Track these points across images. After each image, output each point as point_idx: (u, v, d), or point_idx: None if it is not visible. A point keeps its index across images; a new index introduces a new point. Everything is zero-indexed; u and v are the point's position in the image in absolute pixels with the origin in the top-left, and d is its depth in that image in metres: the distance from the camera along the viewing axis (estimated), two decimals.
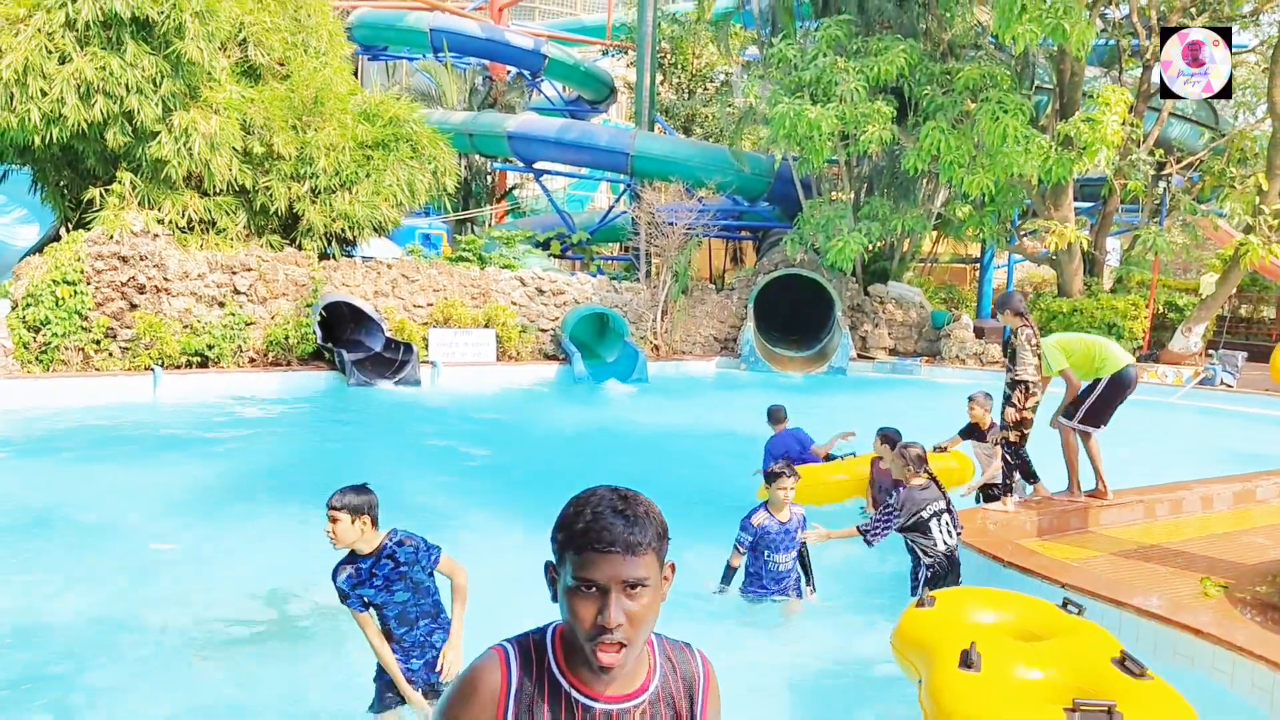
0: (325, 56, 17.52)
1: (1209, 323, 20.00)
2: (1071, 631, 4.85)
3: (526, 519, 8.54)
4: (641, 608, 1.81)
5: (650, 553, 1.83)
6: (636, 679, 1.93)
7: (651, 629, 1.87)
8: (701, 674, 2.03)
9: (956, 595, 5.30)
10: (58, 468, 9.88)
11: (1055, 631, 4.88)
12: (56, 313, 14.19)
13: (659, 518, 1.90)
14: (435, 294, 18.10)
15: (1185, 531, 7.94)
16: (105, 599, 6.33)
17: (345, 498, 4.29)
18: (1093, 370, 8.06)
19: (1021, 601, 5.22)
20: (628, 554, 1.80)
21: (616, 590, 1.78)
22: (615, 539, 1.80)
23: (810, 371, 19.94)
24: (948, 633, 4.72)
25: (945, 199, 21.05)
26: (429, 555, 4.41)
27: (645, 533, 1.84)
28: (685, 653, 2.06)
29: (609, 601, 1.78)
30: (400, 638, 4.44)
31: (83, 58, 13.83)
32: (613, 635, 1.78)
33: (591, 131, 24.43)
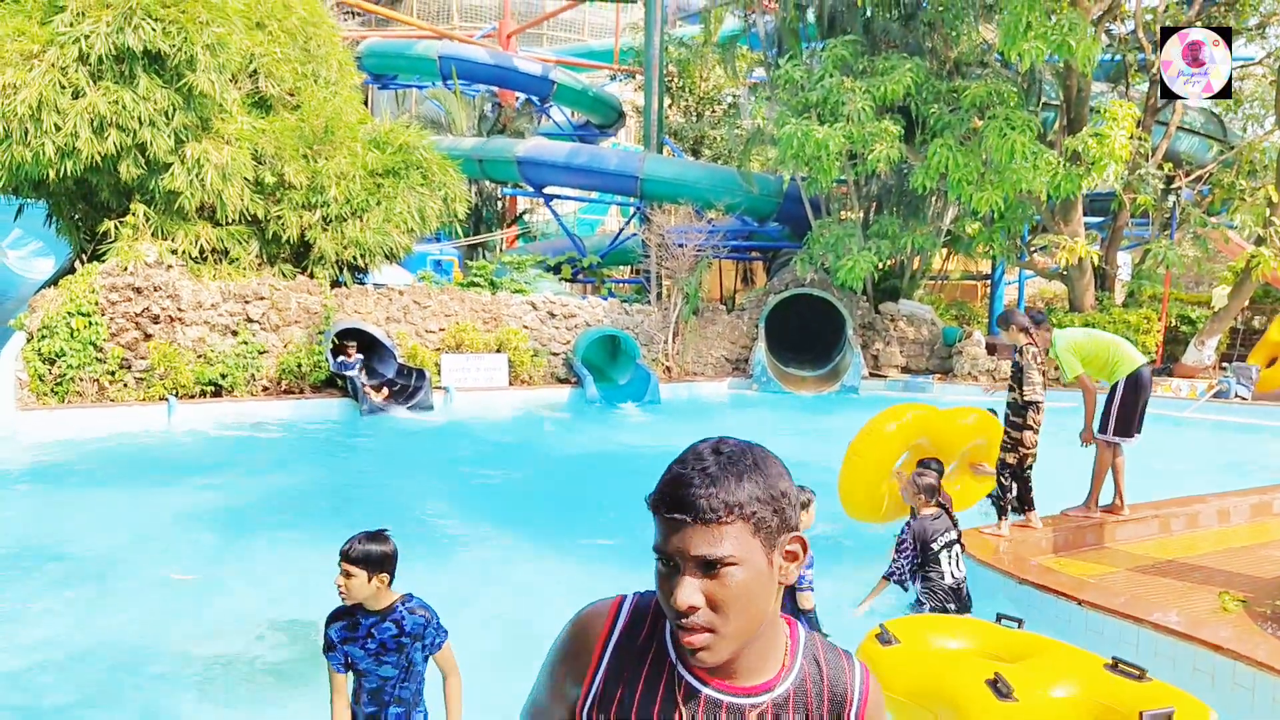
0: (335, 86, 17.68)
1: (1222, 335, 19.90)
2: (1041, 650, 4.83)
3: (542, 542, 8.55)
4: (729, 591, 1.48)
5: (738, 522, 1.48)
6: (761, 673, 1.60)
7: (759, 618, 1.53)
8: (859, 691, 1.66)
9: (907, 627, 5.12)
10: (74, 498, 9.93)
11: (1023, 651, 4.83)
12: (71, 344, 14.30)
13: (769, 478, 1.53)
14: (447, 319, 18.17)
15: (1202, 546, 7.89)
16: (120, 629, 6.34)
17: (365, 549, 3.74)
18: (1108, 371, 7.99)
19: (966, 625, 5.20)
20: (698, 522, 1.47)
21: (688, 567, 1.48)
22: (686, 502, 1.48)
23: (822, 391, 19.91)
24: (947, 667, 4.58)
25: (954, 216, 21.05)
26: (436, 635, 3.90)
27: (731, 494, 1.48)
28: (843, 660, 1.69)
29: (679, 581, 1.48)
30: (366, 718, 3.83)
31: (96, 92, 13.99)
32: (689, 619, 1.48)
33: (600, 155, 24.55)
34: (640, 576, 6.62)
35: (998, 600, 6.75)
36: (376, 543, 3.80)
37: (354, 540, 3.76)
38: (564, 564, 8.03)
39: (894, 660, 4.70)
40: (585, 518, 9.61)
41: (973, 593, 7.14)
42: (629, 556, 8.06)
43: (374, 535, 3.84)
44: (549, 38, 41.70)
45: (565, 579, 7.64)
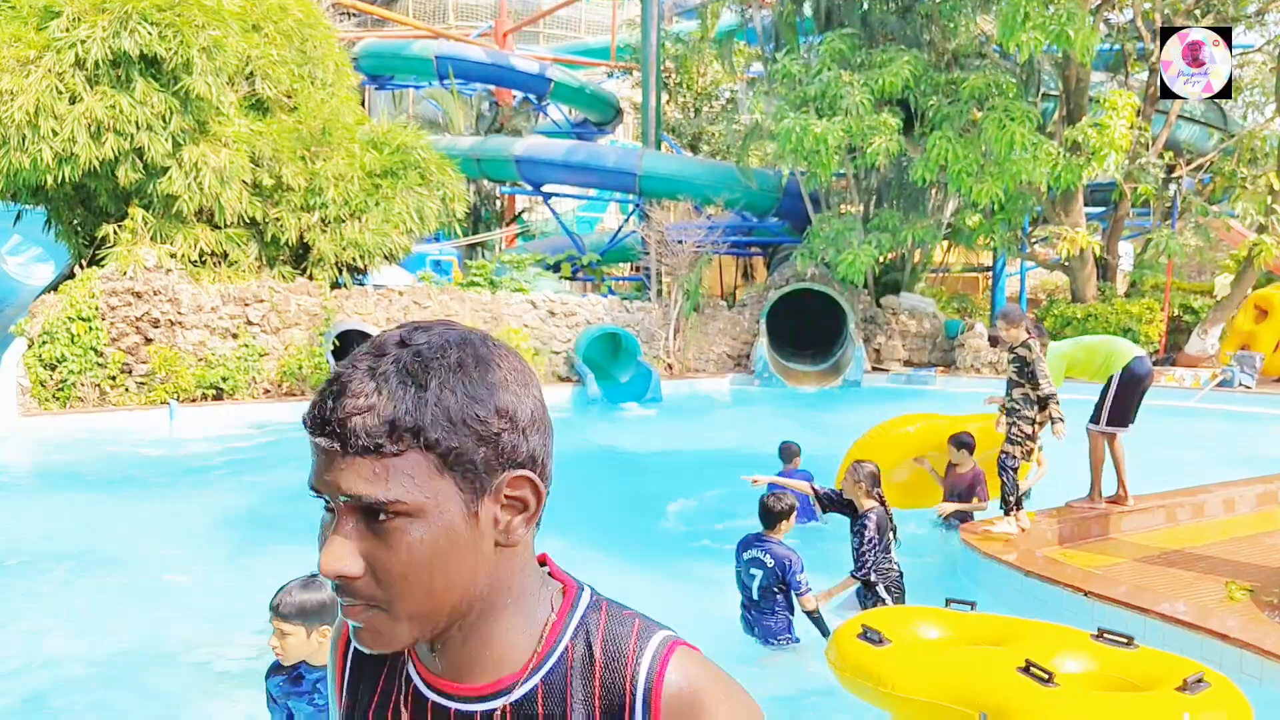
0: (332, 87, 17.65)
1: (1225, 324, 19.86)
2: (1020, 630, 4.80)
3: (547, 544, 8.51)
4: (395, 554, 1.00)
5: (412, 452, 0.99)
6: (501, 665, 1.11)
7: (455, 592, 1.04)
8: (646, 683, 1.08)
9: (883, 622, 4.83)
10: (77, 503, 9.92)
11: (1002, 634, 4.78)
12: (72, 349, 14.29)
13: (477, 387, 1.02)
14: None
15: (1208, 535, 7.86)
16: (122, 632, 6.33)
17: (300, 601, 3.10)
18: (1103, 371, 7.96)
19: (936, 614, 5.02)
20: (350, 452, 0.99)
21: (343, 515, 1.02)
22: (331, 420, 1.00)
23: (825, 385, 19.88)
24: (966, 662, 4.42)
25: (955, 208, 21.00)
26: None
27: (405, 408, 0.99)
28: (631, 640, 1.12)
29: (328, 536, 1.03)
30: None
31: (93, 97, 13.97)
32: (345, 589, 1.02)
33: (599, 152, 24.53)
34: (643, 577, 6.58)
35: (1004, 593, 6.73)
36: (312, 591, 3.13)
37: (284, 592, 3.15)
38: (574, 562, 7.99)
39: (901, 661, 4.48)
40: (586, 518, 9.58)
41: (979, 585, 7.13)
42: (632, 557, 8.05)
43: (308, 583, 3.17)
44: (545, 35, 41.65)
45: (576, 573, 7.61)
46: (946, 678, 4.30)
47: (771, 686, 5.49)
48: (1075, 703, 4.03)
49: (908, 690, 4.33)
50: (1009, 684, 4.14)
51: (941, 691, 4.28)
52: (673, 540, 8.54)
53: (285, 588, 3.14)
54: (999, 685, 4.16)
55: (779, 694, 5.44)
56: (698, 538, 8.50)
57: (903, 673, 4.37)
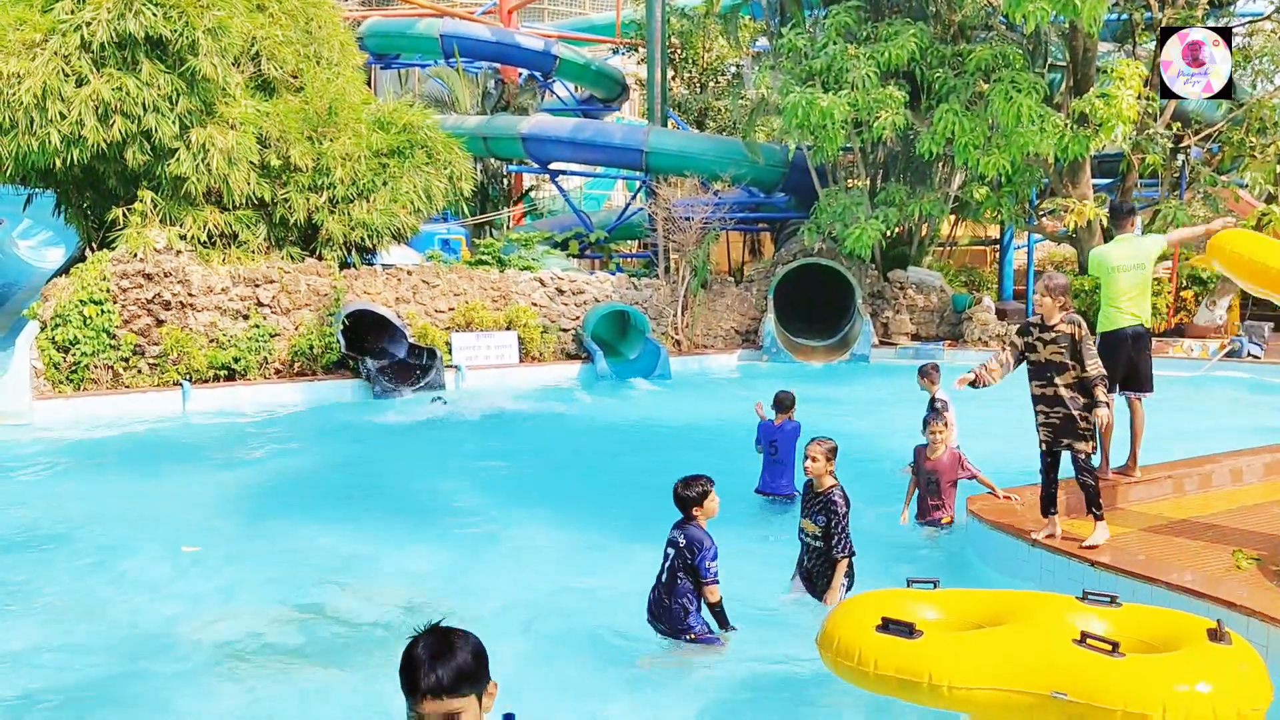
0: (338, 67, 17.64)
1: (1234, 295, 19.80)
2: (1014, 603, 4.82)
3: (557, 519, 8.61)
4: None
5: None
6: None
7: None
8: None
9: (888, 609, 4.61)
10: (92, 484, 10.03)
11: (996, 609, 4.77)
12: (84, 332, 14.38)
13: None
14: (456, 298, 18.20)
15: (1215, 505, 7.89)
16: (136, 611, 6.42)
17: (457, 666, 2.42)
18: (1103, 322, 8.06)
19: (913, 596, 4.92)
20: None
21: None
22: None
23: (832, 360, 19.91)
24: (1021, 643, 4.26)
25: (962, 181, 20.93)
26: None
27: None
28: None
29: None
30: None
31: (99, 79, 14.00)
32: None
33: (605, 129, 24.47)
34: (650, 553, 6.58)
35: (1011, 564, 6.79)
36: (458, 647, 2.49)
37: (425, 660, 2.44)
38: (580, 542, 8.09)
39: (947, 652, 4.28)
40: (594, 494, 9.66)
41: (982, 557, 7.20)
42: (639, 533, 8.11)
43: (444, 636, 2.53)
44: (550, 13, 41.48)
45: (583, 556, 7.70)
46: (1007, 663, 4.17)
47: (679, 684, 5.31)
48: (1149, 670, 4.03)
49: (971, 681, 4.15)
50: (1076, 660, 4.10)
51: (1008, 678, 4.14)
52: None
53: (423, 657, 2.43)
54: (1067, 662, 4.11)
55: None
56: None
57: (958, 664, 4.20)
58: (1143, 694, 3.93)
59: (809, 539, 6.23)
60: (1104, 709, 3.98)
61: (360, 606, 6.53)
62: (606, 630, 6.09)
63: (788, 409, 8.68)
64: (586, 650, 5.80)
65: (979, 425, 10.59)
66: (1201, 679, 3.99)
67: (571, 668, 5.56)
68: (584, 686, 5.30)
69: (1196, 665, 4.09)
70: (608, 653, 5.78)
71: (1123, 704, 3.94)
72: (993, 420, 11.50)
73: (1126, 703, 3.94)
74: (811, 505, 6.19)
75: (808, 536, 6.24)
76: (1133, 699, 3.93)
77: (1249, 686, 4.07)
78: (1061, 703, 4.04)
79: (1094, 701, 3.98)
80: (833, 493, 6.06)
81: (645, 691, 5.20)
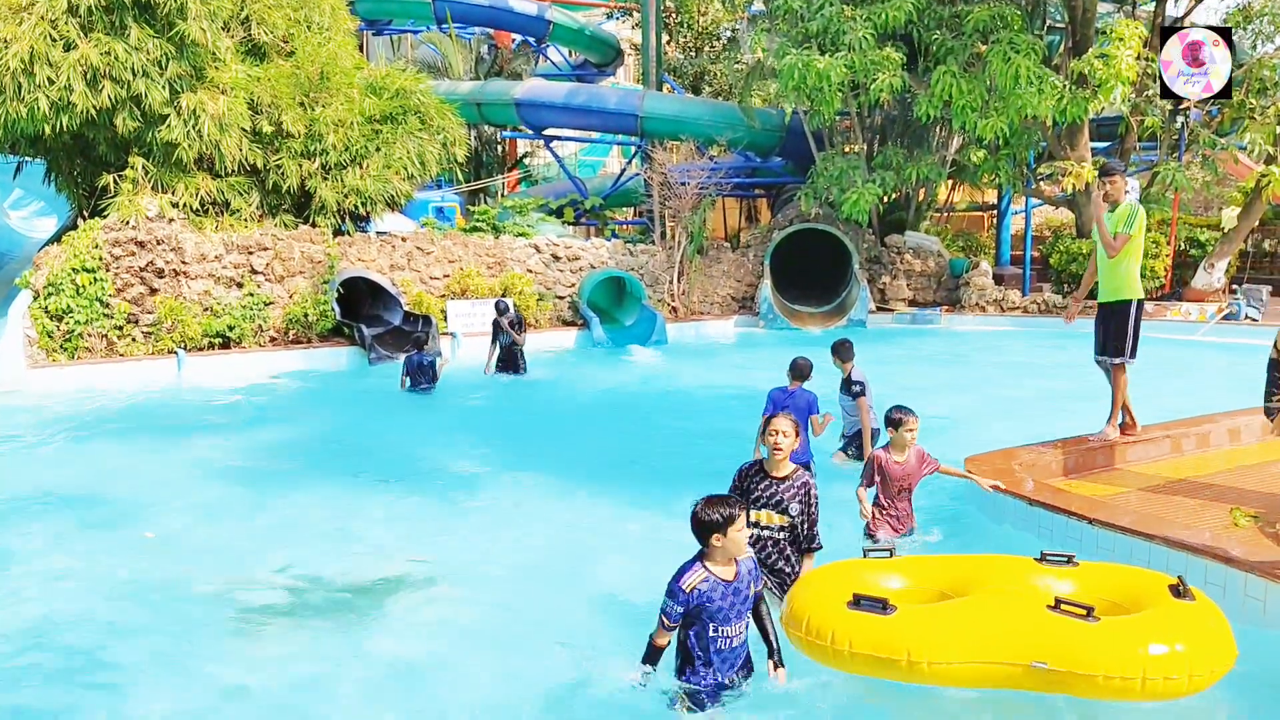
0: (329, 32, 17.45)
1: (1232, 258, 19.74)
2: (979, 566, 4.83)
3: (551, 485, 8.59)
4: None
5: None
6: None
7: None
8: None
9: (855, 584, 4.55)
10: (87, 453, 10.01)
11: (957, 574, 4.78)
12: (78, 300, 14.31)
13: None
14: (451, 265, 18.11)
15: (1213, 465, 7.91)
16: (131, 579, 6.43)
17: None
18: (1129, 286, 8.02)
19: (871, 565, 4.88)
20: None
21: None
22: None
23: (830, 326, 19.85)
24: (987, 616, 4.22)
25: (959, 145, 20.80)
26: None
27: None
28: None
29: None
30: None
31: (87, 44, 13.82)
32: None
33: (600, 94, 24.25)
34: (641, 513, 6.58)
35: (1011, 523, 6.78)
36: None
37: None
38: (574, 506, 8.08)
39: (924, 627, 4.19)
40: (591, 461, 9.65)
41: (983, 515, 7.19)
42: (635, 499, 8.11)
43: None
44: None
45: (577, 521, 7.69)
46: (986, 635, 4.14)
47: None
48: (1124, 633, 4.05)
49: (951, 656, 4.11)
50: (1052, 627, 4.09)
51: (987, 650, 4.11)
52: (676, 482, 8.60)
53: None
54: (1043, 631, 4.09)
55: None
56: (702, 478, 8.55)
57: (937, 640, 4.15)
58: (1121, 658, 3.95)
59: (770, 531, 5.33)
60: (1084, 675, 3.99)
61: (354, 568, 6.55)
62: (598, 589, 6.12)
63: (804, 377, 8.21)
64: (581, 609, 5.82)
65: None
66: (1176, 640, 4.02)
67: (566, 625, 5.57)
68: (579, 643, 5.32)
69: (1168, 625, 4.10)
70: (600, 609, 5.81)
71: (1103, 669, 3.96)
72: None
73: (1106, 668, 3.96)
74: (775, 492, 5.29)
75: (768, 529, 5.33)
76: (1112, 664, 3.95)
77: (1218, 644, 4.10)
78: (1042, 671, 4.04)
79: (1074, 669, 4.00)
80: (802, 477, 5.32)
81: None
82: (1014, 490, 6.79)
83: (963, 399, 12.30)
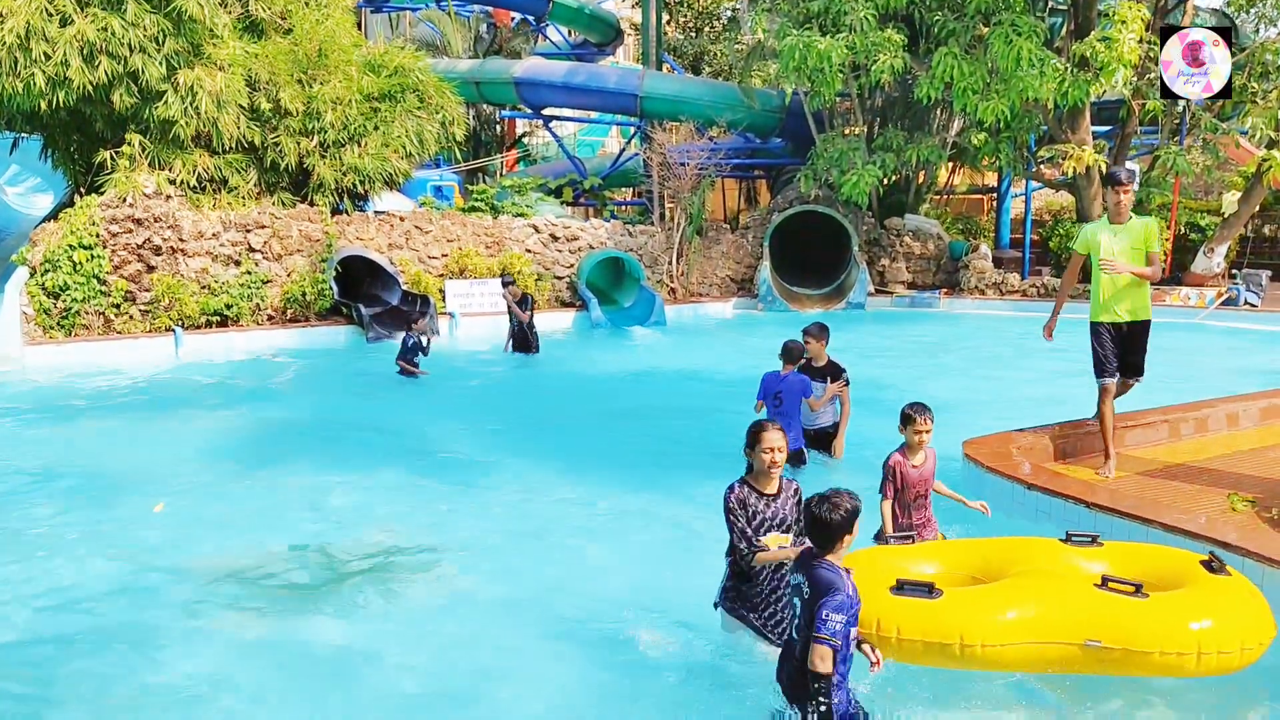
0: (327, 9, 17.32)
1: (1232, 243, 19.72)
2: (1006, 550, 4.80)
3: (546, 465, 8.59)
4: None
5: None
6: None
7: None
8: None
9: (898, 570, 4.50)
10: (85, 429, 10.00)
11: (988, 557, 4.73)
12: (75, 277, 14.26)
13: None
14: (449, 245, 18.05)
15: (1211, 450, 7.91)
16: (129, 555, 6.43)
17: None
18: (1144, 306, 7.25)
19: (902, 552, 4.87)
20: None
21: None
22: None
23: (829, 308, 19.84)
24: (1036, 597, 4.16)
25: (960, 128, 20.72)
26: None
27: None
28: None
29: None
30: None
31: (84, 19, 13.72)
32: None
33: (599, 73, 24.12)
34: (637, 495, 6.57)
35: (1009, 507, 6.78)
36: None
37: None
38: (569, 486, 8.07)
39: (973, 610, 4.10)
40: (590, 442, 9.65)
41: (984, 498, 7.16)
42: (633, 480, 8.12)
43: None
44: None
45: (572, 500, 7.70)
46: (1037, 616, 4.06)
47: None
48: (1175, 609, 4.03)
49: (1004, 639, 4.02)
50: (1103, 605, 4.05)
51: (1040, 631, 4.04)
52: (673, 463, 8.61)
53: None
54: (1095, 609, 4.05)
55: None
56: (700, 459, 8.57)
57: (988, 623, 4.06)
58: (1175, 634, 3.91)
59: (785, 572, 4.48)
60: (1139, 653, 3.95)
61: (349, 545, 6.57)
62: (597, 563, 6.17)
63: (796, 360, 7.97)
64: (577, 587, 5.84)
65: None
66: (1225, 614, 4.00)
67: (559, 602, 5.59)
68: (571, 616, 5.35)
69: (1215, 600, 4.09)
70: (598, 581, 5.85)
71: (1158, 646, 3.91)
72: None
73: (1161, 644, 3.91)
74: (775, 510, 4.59)
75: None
76: (1167, 640, 3.91)
77: (1261, 618, 4.09)
78: (1095, 650, 3.99)
79: (1129, 646, 3.95)
80: (792, 485, 4.71)
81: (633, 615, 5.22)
82: (1012, 474, 6.79)
83: (961, 382, 12.30)
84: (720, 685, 4.53)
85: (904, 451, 5.74)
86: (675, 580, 5.71)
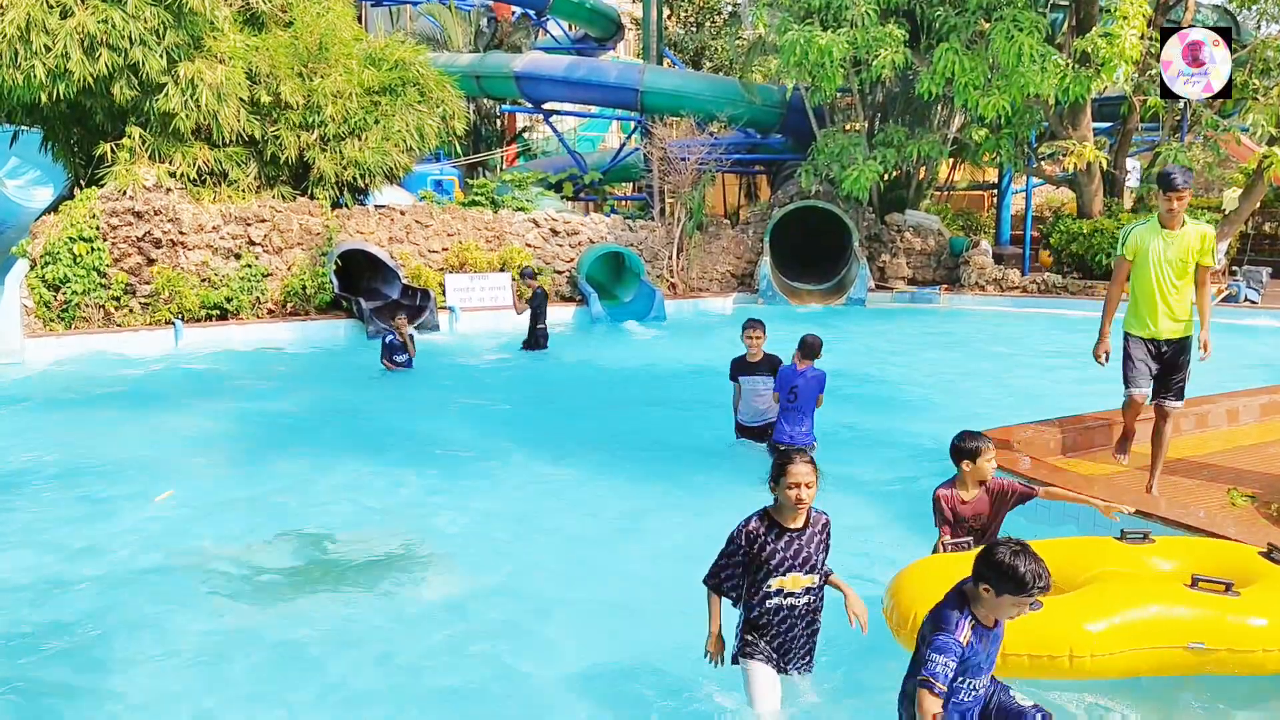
0: (327, 2, 17.32)
1: (1232, 239, 19.70)
2: (1071, 555, 4.71)
3: (547, 459, 8.59)
4: None
5: None
6: None
7: None
8: None
9: (959, 570, 4.10)
10: (85, 422, 9.99)
11: (1064, 564, 4.53)
12: (75, 270, 14.25)
13: None
14: (450, 239, 18.05)
15: (1211, 445, 7.92)
16: (129, 546, 6.43)
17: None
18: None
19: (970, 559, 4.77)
20: None
21: None
22: None
23: (829, 304, 19.85)
24: (1131, 602, 4.05)
25: (961, 123, 20.72)
26: None
27: None
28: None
29: None
30: None
31: (84, 11, 13.70)
32: None
33: (600, 68, 24.11)
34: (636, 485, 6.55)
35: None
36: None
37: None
38: (568, 479, 8.08)
39: (1078, 620, 3.95)
40: (590, 435, 9.64)
41: None
42: (631, 471, 8.12)
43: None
44: None
45: (571, 493, 7.70)
46: (1138, 621, 3.98)
47: None
48: (1267, 604, 3.99)
49: (1113, 648, 3.94)
50: (1200, 606, 3.98)
51: (1144, 636, 3.97)
52: (673, 457, 8.61)
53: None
54: (1193, 610, 3.98)
55: None
56: (700, 454, 8.57)
57: (1094, 632, 3.95)
58: (1276, 630, 3.85)
59: (795, 597, 4.13)
60: (1242, 652, 3.88)
61: (347, 537, 6.57)
62: (591, 561, 6.17)
63: (813, 355, 7.85)
64: (573, 581, 5.85)
65: None
66: None
67: (555, 594, 5.60)
68: (569, 613, 5.35)
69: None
70: (600, 574, 5.86)
71: (1261, 644, 3.85)
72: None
73: (1264, 642, 3.85)
74: (799, 548, 4.09)
75: (791, 595, 4.11)
76: (1270, 638, 3.85)
77: None
78: (1198, 652, 3.91)
79: (1232, 645, 3.89)
80: (821, 519, 4.21)
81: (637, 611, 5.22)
82: (1010, 468, 6.79)
83: (961, 378, 12.31)
84: (721, 686, 4.53)
85: (952, 485, 5.09)
86: (675, 578, 5.70)
